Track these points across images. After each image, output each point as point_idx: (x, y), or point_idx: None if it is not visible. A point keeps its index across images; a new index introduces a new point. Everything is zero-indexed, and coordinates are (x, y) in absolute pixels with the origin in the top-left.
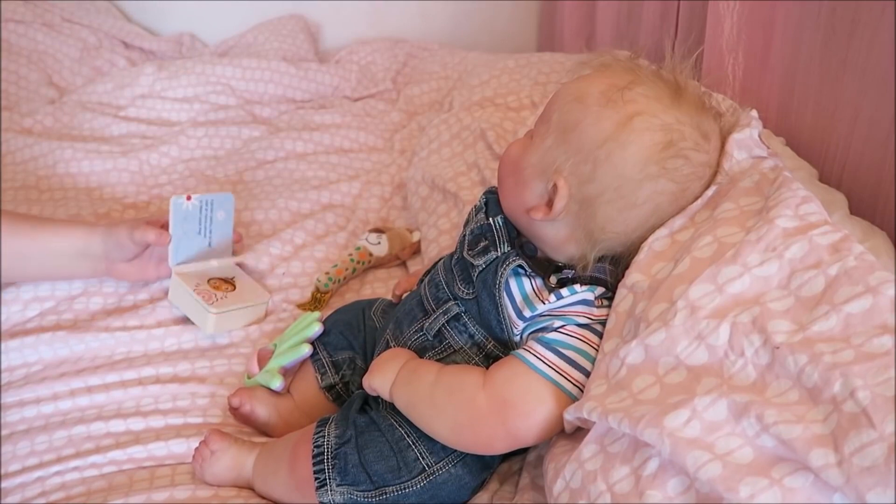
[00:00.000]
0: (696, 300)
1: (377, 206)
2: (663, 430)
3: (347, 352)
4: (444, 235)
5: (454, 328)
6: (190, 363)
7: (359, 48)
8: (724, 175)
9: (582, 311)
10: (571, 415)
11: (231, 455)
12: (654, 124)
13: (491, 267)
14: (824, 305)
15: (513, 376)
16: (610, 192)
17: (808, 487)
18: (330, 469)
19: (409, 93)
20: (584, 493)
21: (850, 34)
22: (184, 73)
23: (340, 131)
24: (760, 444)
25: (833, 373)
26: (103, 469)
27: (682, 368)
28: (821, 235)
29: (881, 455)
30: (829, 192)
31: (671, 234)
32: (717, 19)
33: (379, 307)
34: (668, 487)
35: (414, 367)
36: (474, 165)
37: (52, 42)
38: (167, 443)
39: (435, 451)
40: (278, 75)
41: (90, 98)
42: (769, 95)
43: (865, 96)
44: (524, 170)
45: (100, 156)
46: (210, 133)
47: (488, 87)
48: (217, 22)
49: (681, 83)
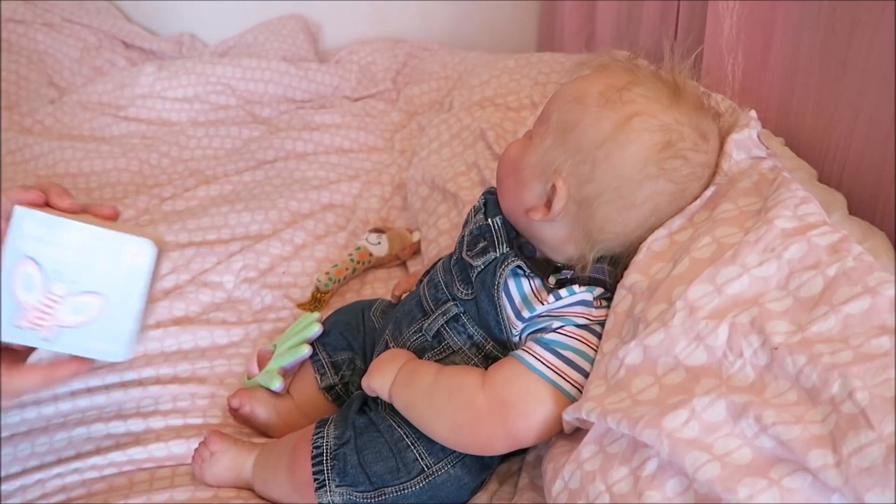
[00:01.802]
0: (695, 301)
1: (377, 206)
2: (662, 430)
3: (347, 352)
4: (444, 235)
5: (453, 329)
6: (190, 364)
7: (359, 48)
8: (722, 175)
9: (581, 311)
10: (570, 415)
11: (231, 456)
12: (652, 125)
13: (490, 268)
14: (823, 306)
15: (512, 377)
16: (609, 192)
17: (807, 488)
18: (329, 470)
19: (409, 93)
20: (583, 494)
21: (850, 34)
22: (184, 73)
23: (340, 131)
24: (759, 444)
25: (831, 373)
26: (104, 471)
27: (681, 369)
28: (819, 236)
29: (879, 456)
30: (828, 192)
31: (670, 235)
32: (717, 19)
33: (378, 308)
34: (667, 488)
35: (413, 367)
36: (474, 165)
37: (52, 42)
38: (167, 444)
39: (434, 451)
40: (278, 75)
41: (90, 98)
42: (769, 95)
43: (865, 96)
44: (523, 170)
45: (100, 156)
46: (210, 133)
47: (488, 87)
48: (217, 22)
49: (679, 83)
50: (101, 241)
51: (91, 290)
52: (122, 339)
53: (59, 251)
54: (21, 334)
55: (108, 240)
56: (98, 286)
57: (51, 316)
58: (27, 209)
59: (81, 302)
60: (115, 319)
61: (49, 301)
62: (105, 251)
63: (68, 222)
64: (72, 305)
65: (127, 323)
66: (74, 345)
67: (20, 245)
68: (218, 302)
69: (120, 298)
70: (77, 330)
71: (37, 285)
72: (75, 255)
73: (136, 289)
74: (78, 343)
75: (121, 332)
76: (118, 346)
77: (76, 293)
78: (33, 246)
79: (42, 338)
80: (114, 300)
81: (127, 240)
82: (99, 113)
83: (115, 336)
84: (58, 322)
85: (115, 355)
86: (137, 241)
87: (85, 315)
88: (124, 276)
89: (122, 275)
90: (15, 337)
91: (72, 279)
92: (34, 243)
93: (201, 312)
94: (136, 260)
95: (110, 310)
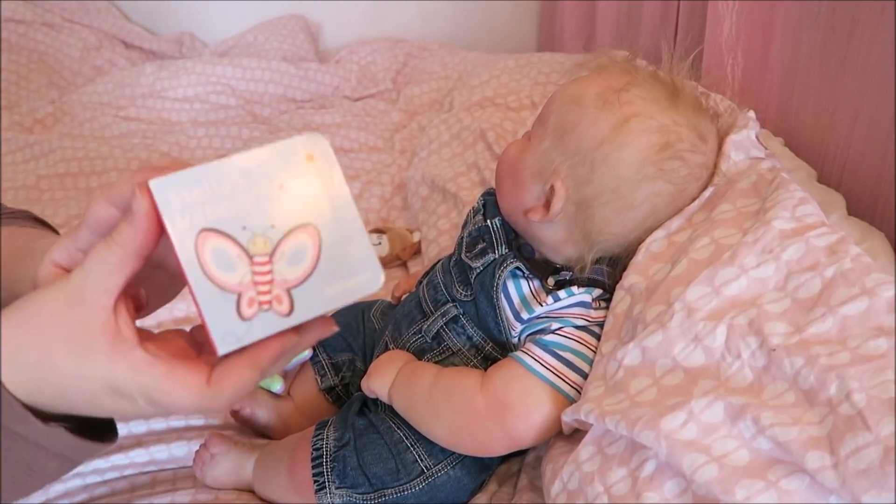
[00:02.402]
0: (694, 302)
1: (377, 206)
2: (660, 432)
3: (347, 353)
4: (444, 236)
5: (452, 330)
6: None
7: (359, 48)
8: (721, 176)
9: (579, 312)
10: (569, 416)
11: (231, 458)
12: (650, 126)
13: (489, 269)
14: (821, 307)
15: (511, 378)
16: (607, 193)
17: (804, 490)
18: (329, 471)
19: (409, 93)
20: (582, 495)
21: (850, 34)
22: (184, 73)
23: (341, 131)
24: (757, 446)
25: (829, 375)
26: (105, 475)
27: (679, 370)
28: (818, 237)
29: (877, 457)
30: (827, 192)
31: (668, 236)
32: (717, 19)
33: (378, 309)
34: (665, 489)
35: (412, 369)
36: (474, 166)
37: (52, 42)
38: (168, 446)
39: (433, 453)
40: (278, 75)
41: (90, 98)
42: (768, 95)
43: (865, 96)
44: (521, 171)
45: (100, 156)
46: (210, 133)
47: (488, 87)
48: (217, 22)
49: (678, 84)
50: (265, 162)
51: (294, 226)
52: (366, 261)
53: (231, 202)
54: (252, 328)
55: (270, 157)
56: (299, 216)
57: (274, 282)
58: (161, 178)
59: (294, 246)
60: (343, 241)
61: (260, 266)
62: (275, 172)
63: (215, 164)
64: (287, 256)
65: (357, 237)
66: (320, 300)
67: (184, 222)
68: None
69: (330, 214)
70: (311, 280)
71: (234, 255)
72: (249, 196)
73: (338, 191)
74: (322, 295)
75: (359, 253)
76: (366, 270)
77: (282, 239)
78: (200, 213)
79: (283, 314)
80: (326, 221)
81: (289, 145)
82: (99, 113)
83: (355, 262)
84: (286, 284)
85: (371, 283)
86: (303, 140)
87: (308, 257)
88: (316, 186)
89: (311, 185)
90: (246, 335)
91: (266, 226)
92: (199, 210)
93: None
94: (316, 160)
95: (330, 234)
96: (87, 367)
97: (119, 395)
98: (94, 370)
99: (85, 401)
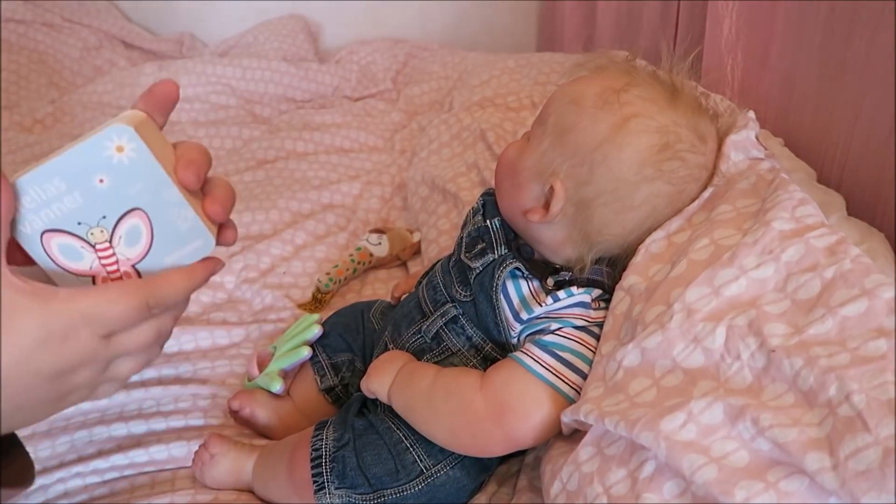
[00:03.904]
0: (693, 303)
1: (378, 206)
2: (659, 433)
3: (346, 354)
4: (444, 236)
5: (452, 330)
6: (192, 364)
7: (359, 48)
8: (720, 177)
9: (579, 313)
10: (568, 417)
11: (230, 458)
12: (650, 126)
13: (488, 269)
14: (820, 308)
15: (510, 379)
16: (606, 194)
17: (804, 491)
18: (328, 472)
19: (409, 93)
20: (581, 495)
21: (850, 34)
22: (184, 73)
23: (341, 131)
24: (756, 447)
25: (828, 376)
26: (105, 475)
27: (679, 371)
28: (817, 238)
29: (876, 459)
30: (826, 193)
31: (668, 237)
32: (717, 19)
33: (378, 309)
34: (665, 490)
35: (412, 369)
36: (474, 166)
37: (52, 42)
38: (167, 446)
39: (433, 453)
40: (278, 75)
41: (90, 98)
42: (768, 96)
43: (865, 96)
44: (521, 172)
45: None
46: (210, 133)
47: (488, 87)
48: (217, 22)
49: (677, 85)
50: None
51: (123, 212)
52: (194, 229)
53: (60, 205)
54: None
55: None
56: (123, 203)
57: (119, 262)
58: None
59: (128, 229)
60: (169, 217)
61: (103, 252)
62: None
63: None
64: (124, 239)
65: (181, 211)
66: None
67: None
68: (218, 302)
69: (152, 196)
70: (150, 255)
71: (78, 247)
72: (75, 195)
73: (154, 174)
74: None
75: (186, 224)
76: (197, 238)
77: (115, 225)
78: (36, 219)
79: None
80: (149, 202)
81: (97, 142)
82: (99, 113)
83: (185, 232)
84: (130, 262)
85: (204, 248)
86: (107, 133)
87: (143, 236)
88: (132, 173)
89: (128, 174)
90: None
91: (97, 217)
92: (35, 216)
93: (202, 313)
94: (126, 149)
95: (156, 213)
96: (18, 330)
97: (61, 339)
98: (26, 325)
99: (25, 384)
